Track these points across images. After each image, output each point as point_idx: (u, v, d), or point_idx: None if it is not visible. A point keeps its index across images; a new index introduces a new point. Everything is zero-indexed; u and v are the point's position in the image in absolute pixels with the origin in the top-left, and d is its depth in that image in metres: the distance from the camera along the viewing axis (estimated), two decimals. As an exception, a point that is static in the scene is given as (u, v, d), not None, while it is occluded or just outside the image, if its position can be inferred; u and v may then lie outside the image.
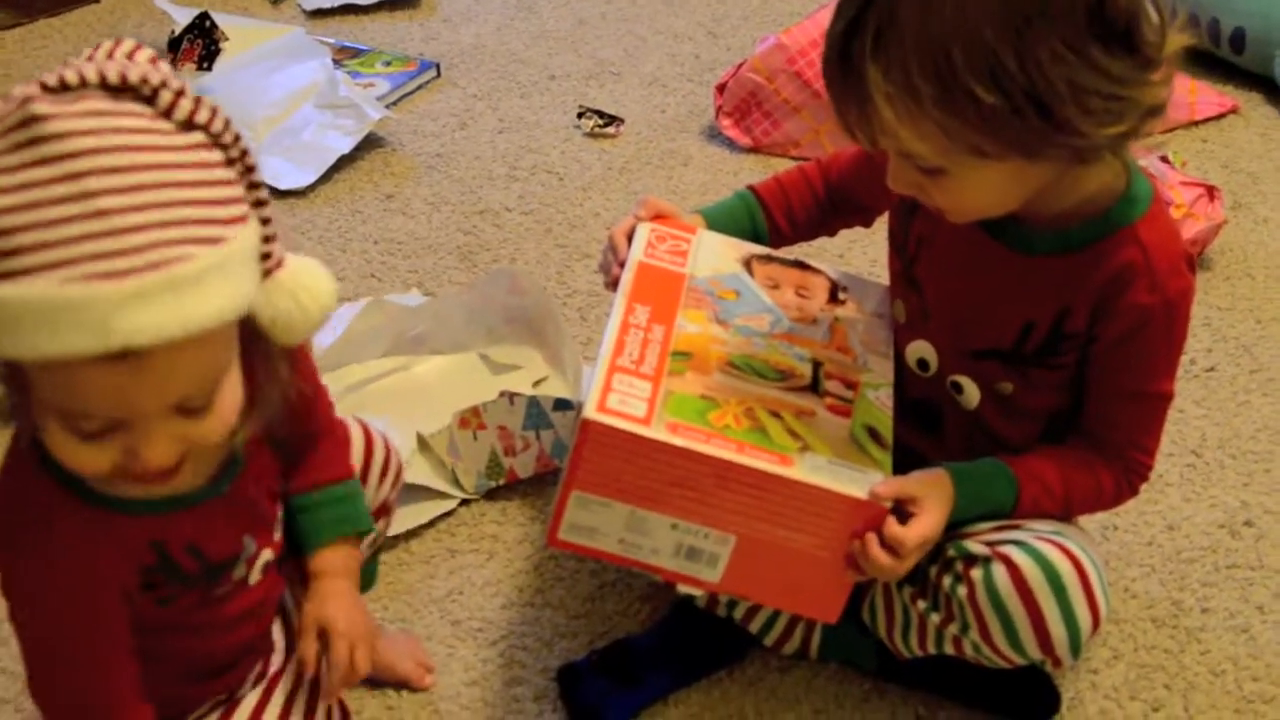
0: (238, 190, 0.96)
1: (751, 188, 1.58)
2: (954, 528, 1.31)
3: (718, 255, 1.47)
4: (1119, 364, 1.31)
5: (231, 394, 1.00)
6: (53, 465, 1.03)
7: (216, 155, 0.95)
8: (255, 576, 1.21)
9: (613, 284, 1.47)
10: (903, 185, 1.26)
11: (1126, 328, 1.27)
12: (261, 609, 1.25)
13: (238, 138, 0.96)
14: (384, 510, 1.40)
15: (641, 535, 1.28)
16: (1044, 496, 1.33)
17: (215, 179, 0.94)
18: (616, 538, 1.29)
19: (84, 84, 0.90)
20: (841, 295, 1.49)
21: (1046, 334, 1.31)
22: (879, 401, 1.37)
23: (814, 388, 1.36)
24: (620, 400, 1.25)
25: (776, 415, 1.30)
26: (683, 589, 1.36)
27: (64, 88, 0.90)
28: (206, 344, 0.94)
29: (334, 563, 1.27)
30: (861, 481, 1.26)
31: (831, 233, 1.62)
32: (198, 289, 0.90)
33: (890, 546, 1.25)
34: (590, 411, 1.23)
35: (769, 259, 1.50)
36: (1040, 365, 1.33)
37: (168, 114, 0.92)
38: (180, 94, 0.93)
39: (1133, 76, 1.14)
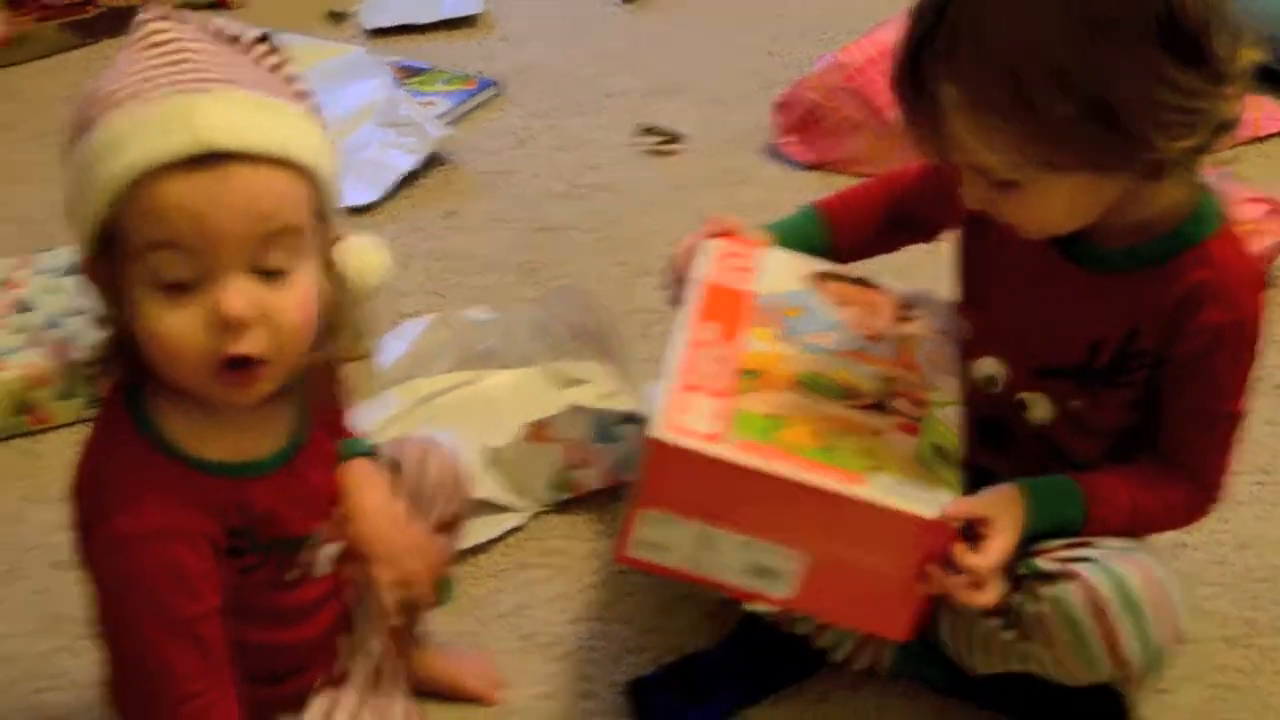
0: (313, 116, 1.11)
1: (816, 204, 1.58)
2: (1024, 544, 1.31)
3: (784, 272, 1.47)
4: (1190, 384, 1.30)
5: (307, 283, 1.08)
6: (144, 424, 1.10)
7: (295, 89, 1.10)
8: (323, 567, 1.23)
9: (677, 301, 1.47)
10: (974, 200, 1.26)
11: (1199, 348, 1.27)
12: (327, 604, 1.26)
13: (314, 97, 1.11)
14: (445, 526, 1.39)
15: (710, 552, 1.28)
16: (1113, 515, 1.32)
17: (305, 107, 1.09)
18: (685, 554, 1.29)
19: (183, 22, 1.07)
20: (908, 313, 1.48)
21: (1115, 352, 1.31)
22: (947, 420, 1.36)
23: (882, 406, 1.35)
24: (689, 418, 1.25)
25: (845, 434, 1.30)
26: (751, 605, 1.35)
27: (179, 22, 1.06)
28: (282, 179, 1.04)
29: (352, 480, 1.26)
30: (931, 501, 1.26)
31: (895, 249, 1.61)
32: (272, 115, 1.03)
33: (970, 578, 1.25)
34: (658, 430, 1.23)
35: (835, 276, 1.50)
36: (1108, 384, 1.33)
37: (258, 61, 1.08)
38: (271, 48, 1.08)
39: (1204, 89, 1.14)
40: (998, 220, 1.28)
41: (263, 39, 1.06)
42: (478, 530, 1.67)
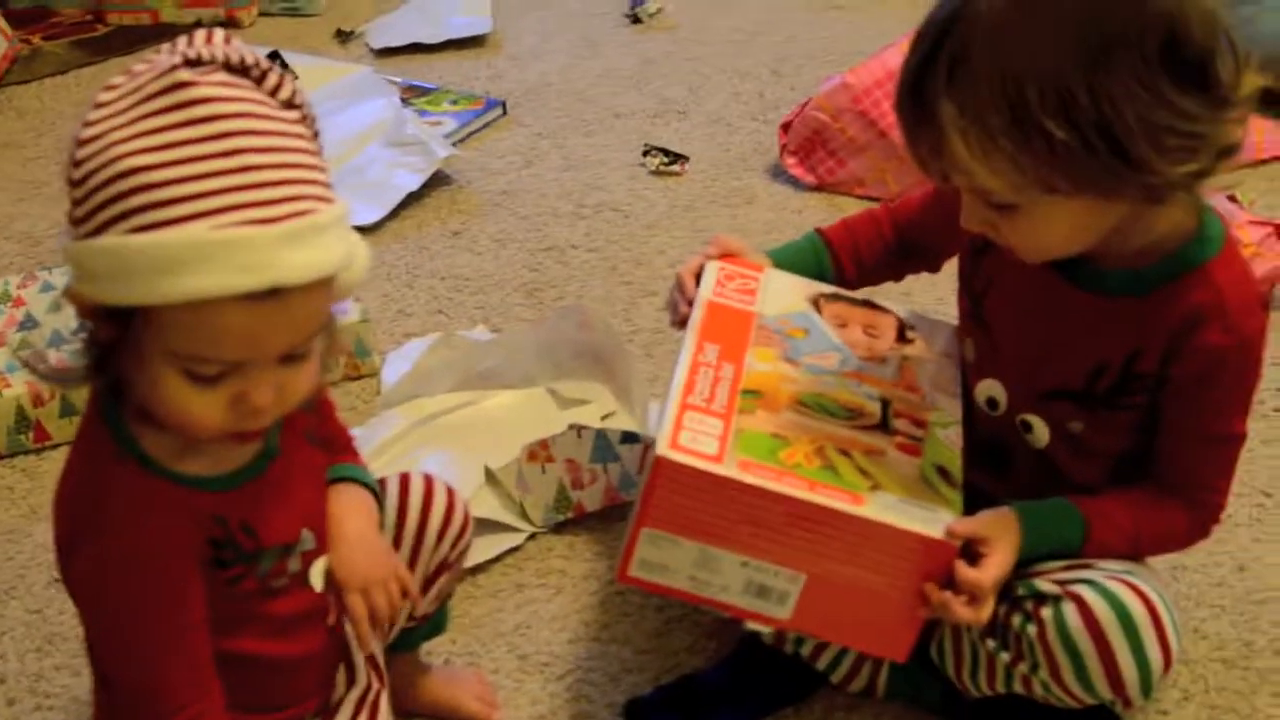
0: (326, 163, 1.06)
1: (819, 231, 1.59)
2: (1022, 566, 1.31)
3: (786, 294, 1.48)
4: (1191, 405, 1.30)
5: (318, 354, 1.10)
6: (125, 443, 1.10)
7: (310, 132, 1.05)
8: (317, 581, 1.23)
9: (680, 323, 1.48)
10: (975, 223, 1.27)
11: (1199, 369, 1.27)
12: (320, 621, 1.25)
13: (316, 121, 1.07)
14: (444, 568, 1.39)
15: (711, 573, 1.29)
16: (1113, 537, 1.33)
17: (315, 150, 1.05)
18: (686, 575, 1.29)
19: (214, 61, 1.00)
20: (909, 334, 1.49)
21: (1118, 375, 1.31)
22: (948, 440, 1.37)
23: (883, 426, 1.36)
24: (692, 438, 1.25)
25: (846, 454, 1.31)
26: (752, 625, 1.36)
27: (199, 62, 1.00)
28: (326, 290, 1.04)
29: (336, 504, 1.26)
30: (933, 520, 1.26)
31: (898, 278, 1.62)
32: (330, 236, 1.02)
33: (968, 593, 1.26)
34: (662, 449, 1.23)
35: (837, 298, 1.51)
36: (1110, 406, 1.33)
37: (274, 93, 1.03)
38: (282, 78, 1.04)
39: (1207, 115, 1.14)
40: (998, 243, 1.28)
41: (271, 59, 1.06)
42: (477, 550, 1.66)
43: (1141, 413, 1.33)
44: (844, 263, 1.56)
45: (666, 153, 2.66)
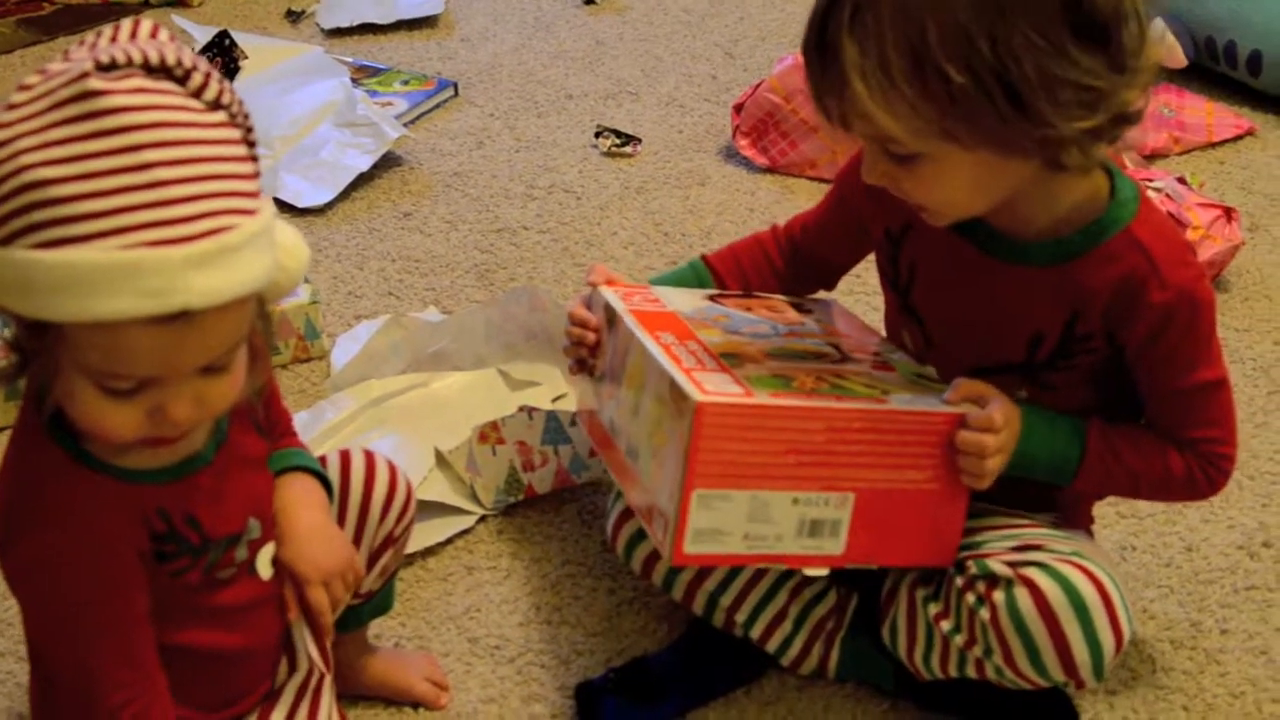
0: (255, 167, 1.02)
1: (704, 258, 1.60)
2: (1023, 464, 1.31)
3: (683, 298, 1.51)
4: (1157, 364, 1.31)
5: (242, 363, 1.07)
6: (61, 437, 1.08)
7: (238, 134, 1.01)
8: (264, 569, 1.22)
9: (579, 366, 1.51)
10: (876, 175, 1.27)
11: (1150, 328, 1.28)
12: (265, 610, 1.24)
13: (248, 117, 1.03)
14: (389, 543, 1.38)
15: (764, 523, 1.29)
16: (1111, 459, 1.33)
17: (241, 155, 1.00)
18: (741, 534, 1.29)
19: (130, 63, 0.96)
20: (804, 307, 1.55)
21: (1058, 341, 1.32)
22: (904, 359, 1.43)
23: (848, 359, 1.40)
24: (715, 385, 1.26)
25: (842, 377, 1.34)
26: (809, 571, 1.36)
27: (113, 66, 0.95)
28: (243, 307, 1.02)
29: (288, 496, 1.25)
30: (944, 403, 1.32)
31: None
32: (244, 255, 0.97)
33: (978, 426, 1.27)
34: (698, 397, 1.23)
35: (725, 295, 1.55)
36: (1055, 369, 1.34)
37: (198, 94, 0.98)
38: (208, 76, 0.99)
39: (1105, 74, 1.16)
40: (900, 197, 1.29)
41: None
42: (427, 533, 1.66)
43: (1091, 371, 1.34)
44: (729, 286, 1.58)
45: (619, 134, 2.65)
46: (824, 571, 1.39)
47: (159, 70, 0.97)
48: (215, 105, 0.99)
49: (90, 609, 1.10)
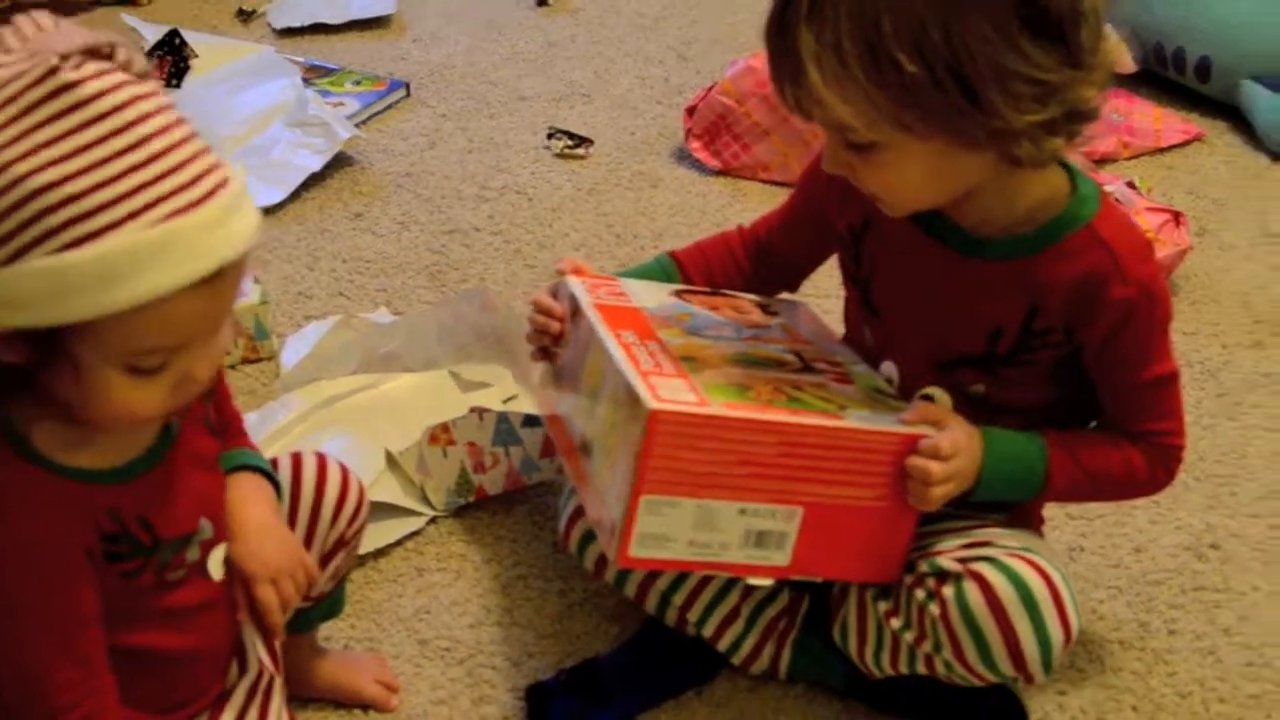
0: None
1: (672, 254, 1.60)
2: (986, 485, 1.32)
3: (649, 293, 1.50)
4: (1115, 359, 1.32)
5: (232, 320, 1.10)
6: (12, 435, 1.08)
7: (172, 100, 1.02)
8: (216, 570, 1.21)
9: (541, 354, 1.50)
10: (835, 165, 1.28)
11: (1111, 324, 1.29)
12: (217, 611, 1.23)
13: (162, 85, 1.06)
14: (340, 545, 1.37)
15: (710, 531, 1.28)
16: (1074, 471, 1.34)
17: (188, 118, 1.01)
18: (686, 540, 1.28)
19: (79, 52, 0.95)
20: (771, 309, 1.54)
21: (1017, 335, 1.32)
22: (866, 372, 1.43)
23: (808, 370, 1.39)
24: (670, 392, 1.25)
25: (799, 389, 1.34)
26: (753, 581, 1.37)
27: (67, 56, 0.94)
28: (246, 258, 1.04)
29: (237, 495, 1.25)
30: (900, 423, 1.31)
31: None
32: (245, 202, 1.01)
33: (929, 456, 1.28)
34: (652, 405, 1.22)
35: (693, 291, 1.54)
36: (1013, 364, 1.34)
37: (127, 69, 0.99)
38: (131, 54, 1.00)
39: (1059, 69, 1.17)
40: (858, 186, 1.29)
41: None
42: (377, 534, 1.65)
43: (1049, 366, 1.34)
44: (696, 283, 1.57)
45: (571, 136, 2.65)
46: (768, 582, 1.40)
47: (95, 54, 0.97)
48: (144, 77, 1.00)
49: (34, 611, 1.09)
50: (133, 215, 0.94)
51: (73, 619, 1.10)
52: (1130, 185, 2.25)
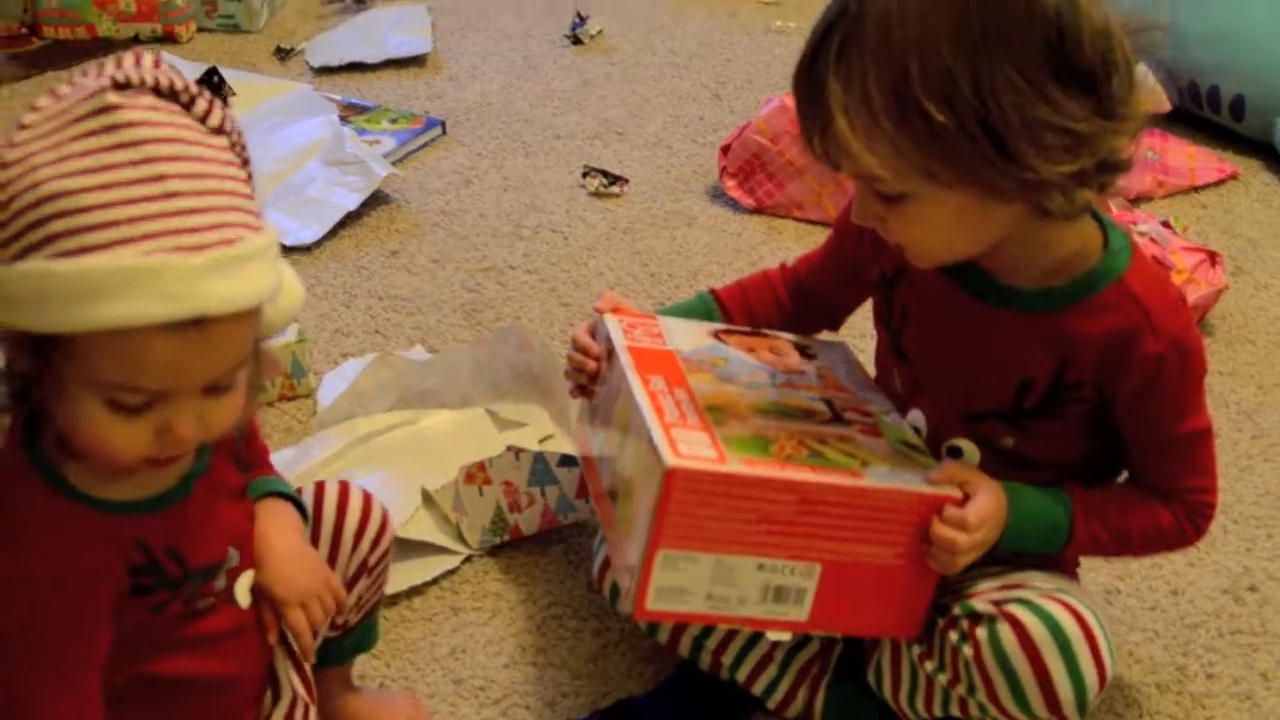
0: (254, 190, 1.06)
1: (713, 291, 1.60)
2: (999, 557, 1.32)
3: (688, 333, 1.50)
4: (1148, 414, 1.31)
5: (244, 385, 1.09)
6: (41, 464, 1.09)
7: (238, 159, 1.04)
8: (244, 597, 1.22)
9: (579, 390, 1.50)
10: (864, 216, 1.28)
11: (1143, 379, 1.28)
12: (246, 639, 1.24)
13: (245, 148, 1.06)
14: (363, 571, 1.37)
15: (728, 586, 1.29)
16: (1100, 529, 1.34)
17: (243, 177, 1.04)
18: (704, 594, 1.29)
19: (142, 85, 0.99)
20: (809, 351, 1.53)
21: (1046, 388, 1.32)
22: (897, 422, 1.41)
23: (838, 420, 1.39)
24: (690, 449, 1.26)
25: (824, 442, 1.33)
26: (772, 635, 1.36)
27: (127, 85, 0.98)
28: (250, 321, 1.04)
29: (263, 521, 1.25)
30: (924, 483, 1.30)
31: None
32: (254, 266, 1.01)
33: (954, 527, 1.27)
34: (671, 462, 1.23)
35: (732, 331, 1.54)
36: (1043, 417, 1.34)
37: (203, 119, 1.02)
38: (212, 103, 1.03)
39: (1089, 119, 1.16)
40: (889, 242, 1.29)
41: (209, 75, 1.05)
42: (412, 573, 1.66)
43: (1079, 421, 1.33)
44: (736, 322, 1.57)
45: (606, 174, 2.66)
46: (786, 636, 1.39)
47: (168, 94, 1.00)
48: (218, 131, 1.02)
49: (46, 645, 1.09)
50: (127, 240, 0.96)
51: (82, 659, 1.11)
52: (1165, 225, 2.24)
